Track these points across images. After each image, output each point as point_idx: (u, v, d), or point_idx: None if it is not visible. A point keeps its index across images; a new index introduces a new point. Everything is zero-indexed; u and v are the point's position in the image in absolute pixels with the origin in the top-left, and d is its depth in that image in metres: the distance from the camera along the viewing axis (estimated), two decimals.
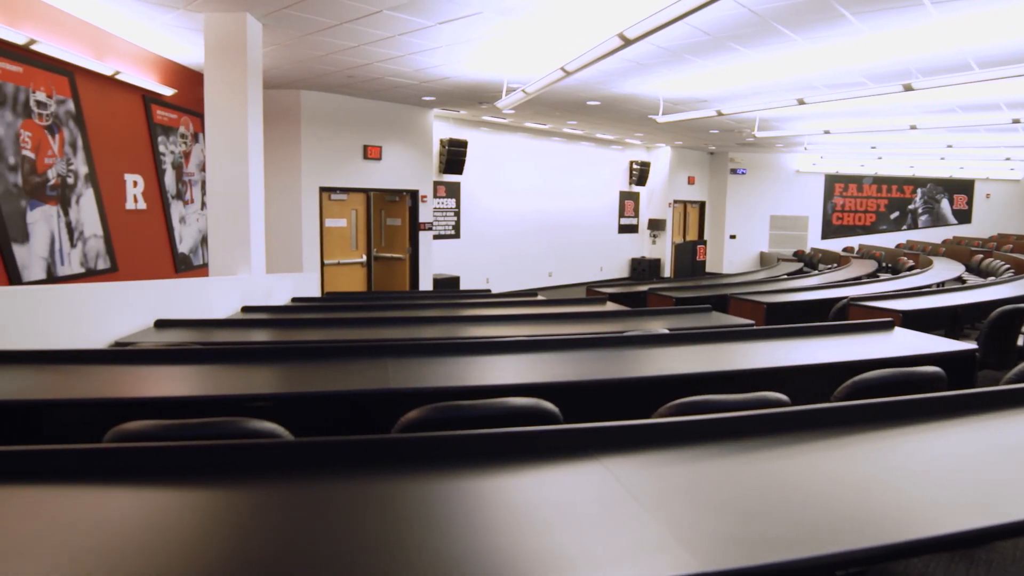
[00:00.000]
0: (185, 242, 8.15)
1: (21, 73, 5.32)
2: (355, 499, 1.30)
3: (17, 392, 2.36)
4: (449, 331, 3.99)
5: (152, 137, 7.40)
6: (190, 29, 6.27)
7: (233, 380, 2.56)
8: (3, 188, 5.11)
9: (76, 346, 3.16)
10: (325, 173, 9.80)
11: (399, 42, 6.74)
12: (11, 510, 1.26)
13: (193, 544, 1.13)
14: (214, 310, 4.96)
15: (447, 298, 7.22)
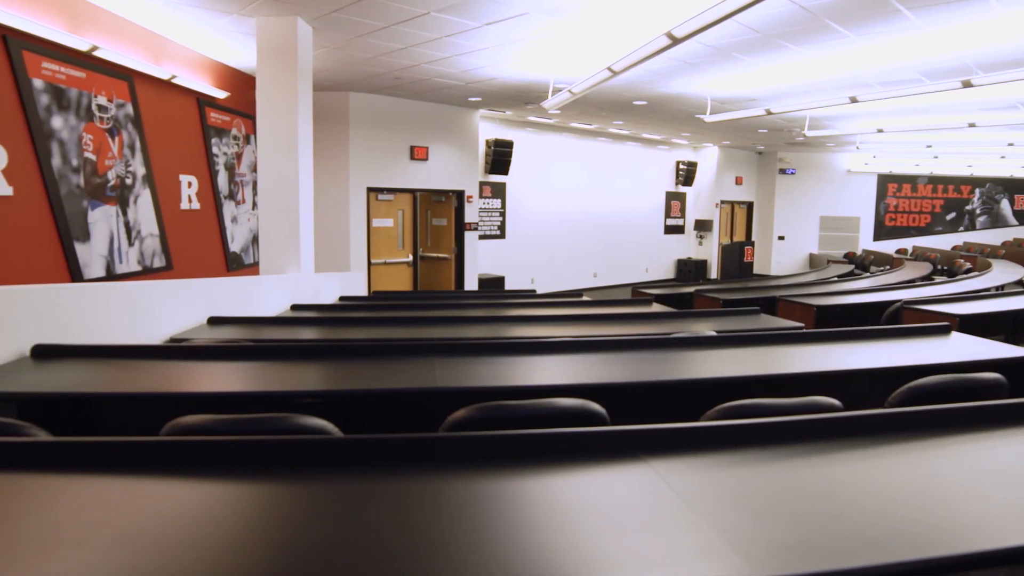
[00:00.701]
0: (236, 241, 8.34)
1: (84, 79, 5.50)
2: (403, 496, 1.31)
3: (78, 385, 2.44)
4: (494, 331, 4.00)
5: (206, 139, 7.59)
6: (243, 33, 6.40)
7: (283, 377, 2.61)
8: (66, 189, 5.30)
9: (134, 341, 3.26)
10: (372, 173, 9.92)
11: (446, 43, 6.79)
12: (75, 499, 1.31)
13: (245, 536, 1.15)
14: (264, 308, 5.06)
15: (492, 298, 7.24)
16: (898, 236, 18.17)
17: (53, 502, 1.30)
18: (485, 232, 12.44)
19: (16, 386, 2.38)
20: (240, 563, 1.05)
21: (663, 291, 7.55)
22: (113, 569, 1.02)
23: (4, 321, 2.74)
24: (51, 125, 5.17)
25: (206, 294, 4.30)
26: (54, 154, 5.19)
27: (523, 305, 5.54)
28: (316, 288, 6.39)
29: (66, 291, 3.22)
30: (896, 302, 5.90)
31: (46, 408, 2.50)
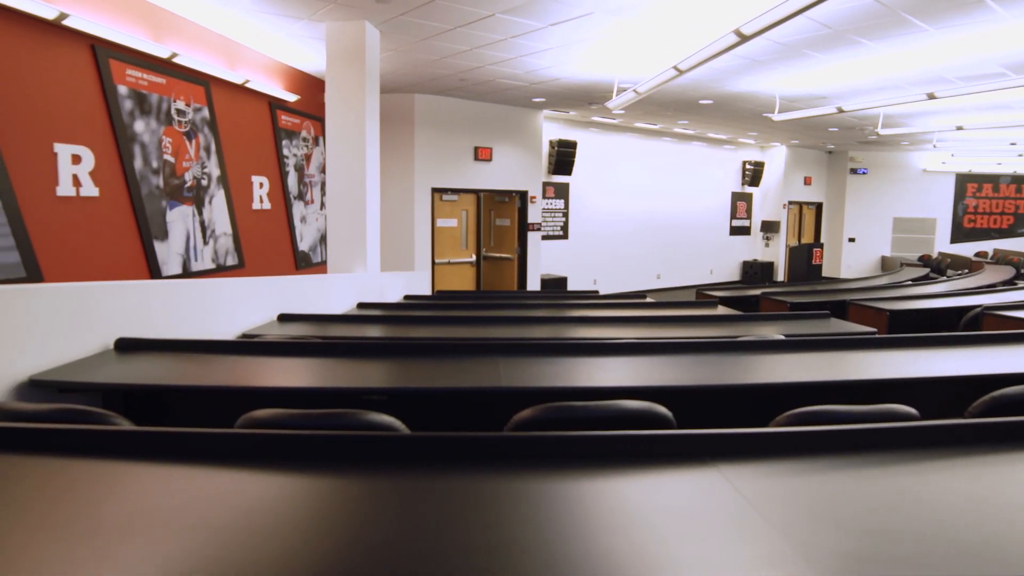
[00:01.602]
0: (305, 240, 8.55)
1: (164, 84, 5.73)
2: (467, 495, 1.32)
3: (156, 377, 2.54)
4: (557, 331, 4.00)
5: (277, 141, 7.80)
6: (313, 38, 6.56)
7: (350, 373, 2.66)
8: (147, 190, 5.52)
9: (208, 336, 3.38)
10: (437, 174, 10.04)
11: (511, 44, 6.82)
12: (156, 486, 1.37)
13: (313, 529, 1.18)
14: (332, 306, 5.17)
15: (555, 298, 7.24)
16: (977, 239, 17.39)
17: (136, 488, 1.36)
18: (548, 232, 12.43)
19: (101, 377, 2.49)
20: (307, 555, 1.08)
21: (728, 293, 7.42)
22: (192, 554, 1.06)
23: (91, 315, 2.88)
24: (133, 129, 5.40)
25: (276, 292, 4.42)
26: (136, 157, 5.42)
27: (586, 306, 5.52)
28: (381, 287, 6.50)
29: (146, 287, 3.36)
30: (976, 307, 5.65)
31: (127, 398, 2.62)
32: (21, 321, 2.53)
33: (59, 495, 1.32)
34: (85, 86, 5.01)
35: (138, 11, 5.45)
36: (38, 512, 1.23)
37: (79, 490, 1.35)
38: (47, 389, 2.44)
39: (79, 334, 2.80)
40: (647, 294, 8.42)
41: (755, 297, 7.05)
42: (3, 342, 2.44)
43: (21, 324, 2.53)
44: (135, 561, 1.04)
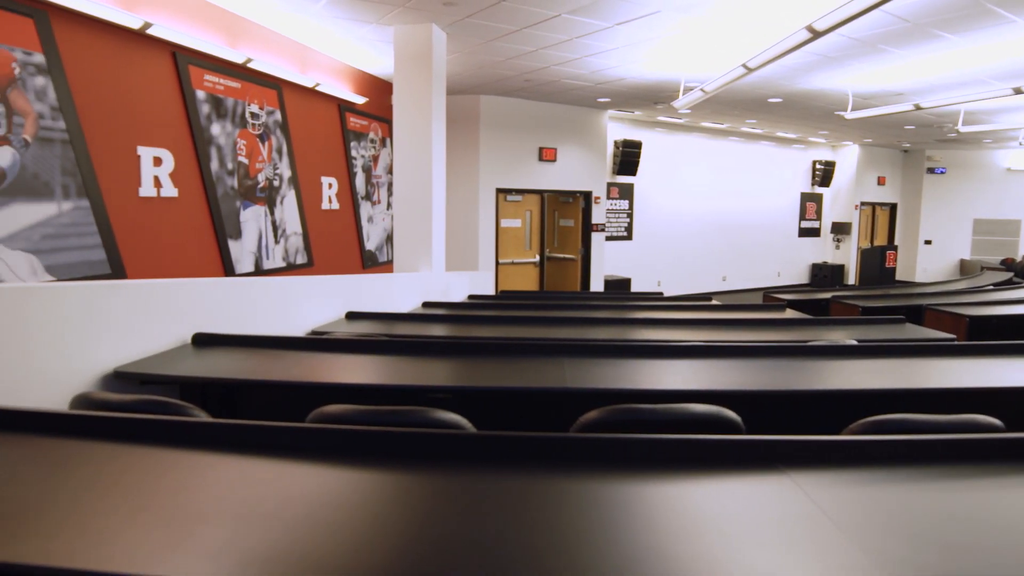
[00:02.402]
0: (372, 240, 8.71)
1: (239, 88, 5.92)
2: (534, 494, 1.32)
3: (230, 371, 2.62)
4: (621, 333, 3.97)
5: (345, 142, 7.97)
6: (382, 41, 6.68)
7: (416, 371, 2.70)
8: (222, 191, 5.72)
9: (279, 333, 3.47)
10: (501, 175, 10.08)
11: (576, 45, 6.80)
12: (232, 476, 1.41)
13: (380, 523, 1.20)
14: (398, 304, 5.25)
15: (618, 300, 7.19)
16: None
17: (213, 478, 1.41)
18: (612, 233, 12.35)
19: (179, 370, 2.59)
20: (374, 548, 1.09)
21: (797, 296, 7.24)
22: (268, 544, 1.09)
23: (171, 311, 3.00)
24: (210, 132, 5.60)
25: (345, 290, 4.51)
26: (212, 158, 5.62)
27: (650, 307, 5.47)
28: (446, 286, 6.57)
29: (222, 285, 3.48)
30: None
31: (203, 390, 2.72)
32: (108, 316, 2.65)
33: (142, 482, 1.38)
34: (166, 91, 5.22)
35: (216, 19, 5.64)
36: (123, 497, 1.29)
37: (161, 478, 1.41)
38: (130, 380, 2.55)
39: (159, 329, 2.92)
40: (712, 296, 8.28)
41: (825, 301, 6.86)
42: (92, 336, 2.56)
43: (108, 319, 2.65)
44: (215, 548, 1.07)
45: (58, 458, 1.50)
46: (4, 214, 4.05)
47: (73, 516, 1.20)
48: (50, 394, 2.37)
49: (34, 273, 4.21)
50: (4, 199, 4.05)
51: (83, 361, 2.52)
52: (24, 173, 4.16)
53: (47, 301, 2.43)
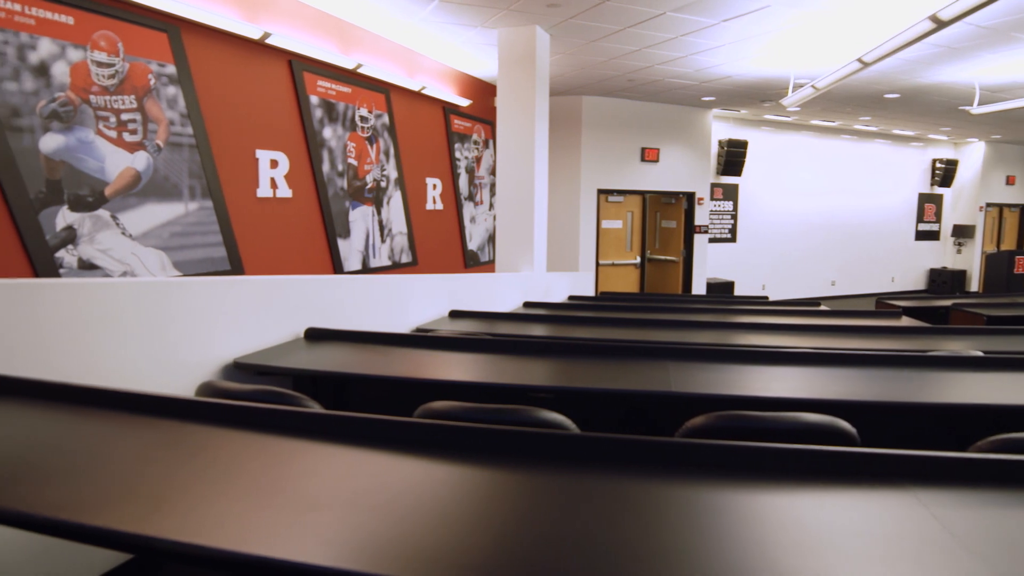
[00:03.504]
0: (474, 240, 8.84)
1: (350, 93, 6.14)
2: (637, 498, 1.31)
3: (340, 365, 2.72)
4: (725, 337, 3.88)
5: (450, 144, 8.13)
6: (486, 44, 6.77)
7: (518, 370, 2.72)
8: (333, 191, 5.95)
9: (385, 329, 3.58)
10: (603, 175, 10.03)
11: (681, 43, 6.69)
12: (343, 466, 1.47)
13: (483, 518, 1.21)
14: (499, 304, 5.31)
15: (721, 303, 7.00)
16: None
17: (327, 468, 1.46)
18: (715, 235, 12.07)
19: (292, 362, 2.71)
20: (480, 543, 1.11)
21: (913, 303, 6.84)
22: (378, 535, 1.13)
23: (286, 306, 3.15)
24: (322, 135, 5.83)
25: (448, 289, 4.60)
26: (324, 161, 5.85)
27: (755, 312, 5.30)
28: (547, 287, 6.59)
29: (332, 282, 3.61)
30: None
31: (314, 382, 2.83)
32: (230, 310, 2.81)
33: (261, 467, 1.45)
34: (283, 97, 5.48)
35: (329, 27, 5.88)
36: (245, 481, 1.36)
37: (278, 464, 1.47)
38: (248, 371, 2.70)
39: (275, 323, 3.07)
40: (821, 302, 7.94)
41: (945, 308, 6.46)
42: (215, 328, 2.72)
43: (230, 312, 2.81)
44: (329, 535, 1.12)
45: (185, 441, 1.60)
46: (138, 214, 4.36)
47: (200, 497, 1.27)
48: (179, 381, 2.53)
49: (163, 268, 4.51)
50: (139, 200, 4.36)
51: (207, 351, 2.68)
52: (156, 176, 4.46)
53: (180, 295, 2.60)
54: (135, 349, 2.43)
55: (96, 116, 4.10)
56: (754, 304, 6.41)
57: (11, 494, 1.26)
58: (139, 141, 4.35)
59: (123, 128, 4.26)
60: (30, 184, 3.77)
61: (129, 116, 4.29)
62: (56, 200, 3.91)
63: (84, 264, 4.07)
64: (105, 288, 2.37)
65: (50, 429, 1.68)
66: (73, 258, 4.01)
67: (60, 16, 3.90)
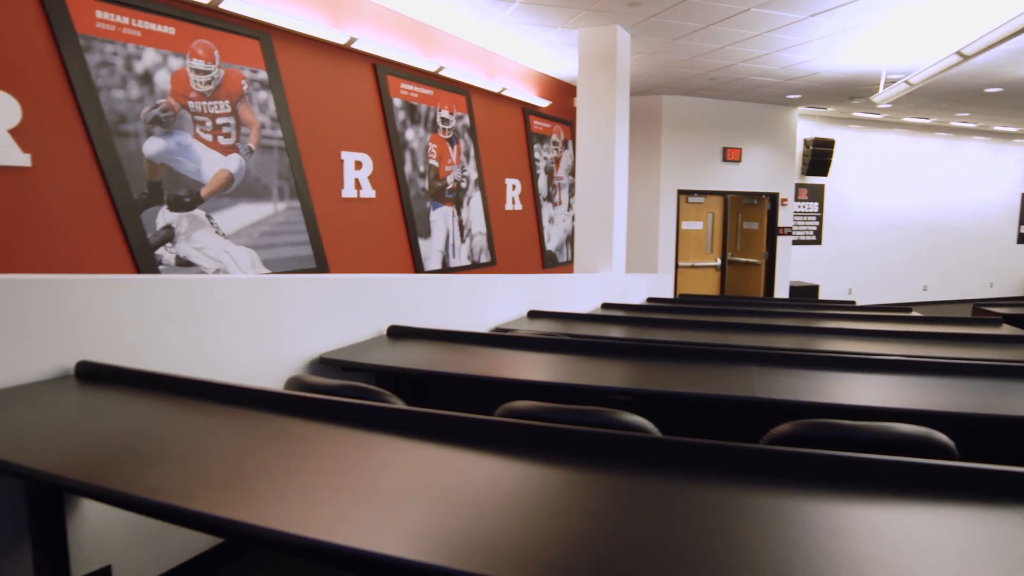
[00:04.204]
0: (552, 240, 8.85)
1: (431, 95, 6.25)
2: (722, 504, 1.28)
3: (421, 363, 2.77)
4: (809, 343, 3.76)
5: (529, 145, 8.16)
6: (566, 44, 6.77)
7: (596, 371, 2.71)
8: (414, 192, 6.06)
9: (464, 328, 3.62)
10: (683, 176, 9.88)
11: (765, 40, 6.53)
12: (429, 463, 1.49)
13: (561, 519, 1.21)
14: (577, 305, 5.31)
15: (806, 307, 6.80)
16: None
17: (411, 463, 1.50)
18: (799, 237, 11.71)
19: (375, 359, 2.78)
20: (561, 543, 1.11)
21: (1014, 311, 6.48)
22: (461, 528, 1.14)
23: (369, 304, 3.23)
24: (405, 137, 5.95)
25: (527, 289, 4.63)
26: (406, 162, 5.97)
27: (841, 317, 5.12)
28: (625, 288, 6.54)
29: (414, 281, 3.68)
30: None
31: (396, 379, 2.90)
32: (317, 307, 2.91)
33: (347, 460, 1.50)
34: (367, 100, 5.62)
35: (412, 30, 5.99)
36: (331, 473, 1.40)
37: (363, 458, 1.52)
38: (333, 366, 2.78)
39: (358, 320, 3.16)
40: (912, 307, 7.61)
41: None
42: (303, 324, 2.82)
43: (317, 309, 2.90)
44: (413, 529, 1.14)
45: (276, 433, 1.67)
46: (231, 213, 4.55)
47: (289, 486, 1.32)
48: (270, 374, 2.64)
49: (253, 266, 4.69)
50: (231, 200, 4.55)
51: (295, 347, 2.78)
52: (248, 177, 4.65)
53: (272, 292, 2.71)
54: (232, 343, 2.54)
55: (193, 121, 4.31)
56: (841, 309, 6.19)
57: (118, 477, 1.34)
58: (232, 144, 4.54)
59: (218, 132, 4.45)
60: (134, 186, 3.99)
61: (224, 120, 4.48)
62: (156, 201, 4.12)
63: (181, 261, 4.27)
64: (209, 284, 2.50)
65: (153, 417, 1.78)
66: (171, 255, 4.22)
67: (163, 27, 4.10)
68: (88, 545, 2.08)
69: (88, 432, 1.65)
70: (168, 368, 2.10)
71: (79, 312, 2.11)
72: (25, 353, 1.98)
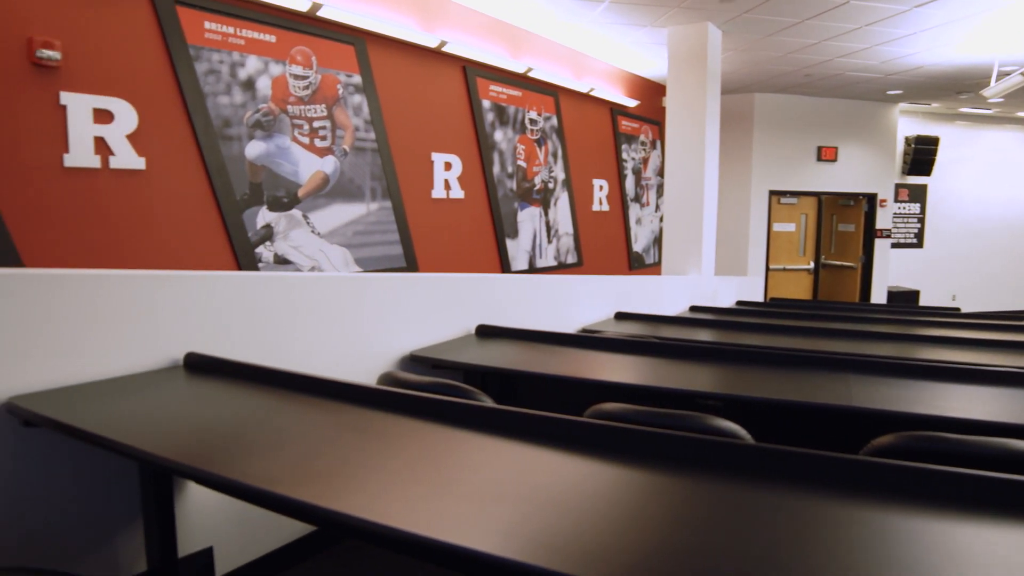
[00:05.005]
0: (639, 242, 8.76)
1: (520, 96, 6.29)
2: (818, 517, 1.24)
3: (509, 362, 2.80)
4: (909, 351, 3.59)
5: (617, 145, 8.10)
6: (654, 43, 6.69)
7: (685, 375, 2.67)
8: (502, 192, 6.12)
9: (550, 328, 3.63)
10: (775, 176, 9.61)
11: (865, 33, 6.28)
12: (519, 461, 1.51)
13: (657, 524, 1.20)
14: (664, 307, 5.24)
15: (905, 313, 6.50)
16: None
17: (501, 460, 1.51)
18: (898, 240, 11.19)
19: (464, 357, 2.83)
20: (647, 546, 1.10)
21: None
22: (554, 528, 1.15)
23: (458, 303, 3.29)
24: (493, 138, 6.01)
25: (614, 290, 4.60)
26: (495, 163, 6.03)
27: (945, 324, 4.86)
28: (714, 291, 6.42)
29: (502, 281, 3.72)
30: None
31: (483, 377, 2.93)
32: (408, 305, 2.98)
33: (441, 457, 1.53)
34: (457, 102, 5.71)
35: (501, 33, 6.05)
36: (425, 469, 1.44)
37: (456, 455, 1.55)
38: (423, 364, 2.84)
39: (447, 319, 3.22)
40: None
41: None
42: (395, 321, 2.90)
43: (408, 307, 2.98)
44: (507, 526, 1.15)
45: (370, 426, 1.72)
46: (326, 213, 4.71)
47: (383, 479, 1.36)
48: (363, 370, 2.72)
49: (346, 264, 4.84)
50: (327, 200, 4.71)
51: (387, 343, 2.86)
52: (342, 178, 4.80)
53: (366, 290, 2.80)
54: (327, 338, 2.64)
55: (292, 124, 4.48)
56: (944, 316, 5.89)
57: (223, 463, 1.41)
58: (328, 146, 4.70)
59: (315, 135, 4.62)
60: (236, 187, 4.18)
61: (320, 123, 4.64)
62: (257, 201, 4.31)
63: (279, 259, 4.45)
64: (305, 281, 2.60)
65: (255, 407, 1.87)
66: (270, 253, 4.40)
67: (264, 35, 4.29)
68: (193, 526, 2.20)
69: (196, 420, 1.74)
70: (266, 360, 2.19)
71: (188, 306, 2.23)
72: (140, 344, 2.11)
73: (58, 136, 3.43)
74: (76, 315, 1.97)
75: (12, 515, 1.83)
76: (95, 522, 2.00)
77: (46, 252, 3.40)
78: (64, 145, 3.44)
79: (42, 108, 3.37)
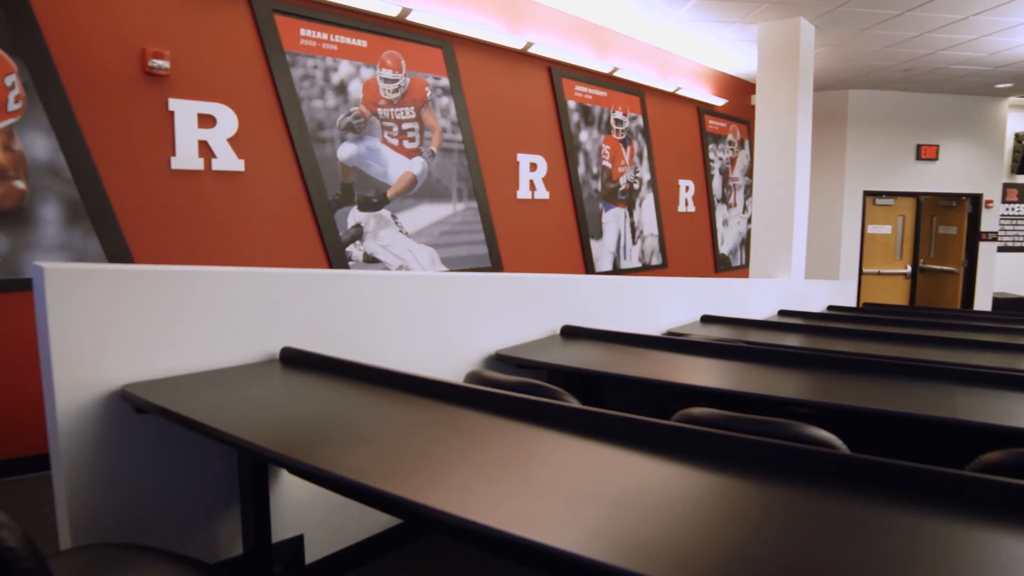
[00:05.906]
0: (726, 243, 8.59)
1: (605, 97, 6.27)
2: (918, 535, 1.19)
3: (594, 363, 2.79)
4: (1017, 362, 3.39)
5: (703, 145, 7.96)
6: (743, 40, 6.54)
7: (774, 381, 2.61)
8: (587, 193, 6.11)
9: (635, 330, 3.61)
10: (870, 176, 9.23)
11: (971, 24, 5.96)
12: (607, 463, 1.51)
13: (748, 532, 1.17)
14: (752, 311, 5.12)
15: (1014, 322, 6.13)
16: None
17: (588, 461, 1.51)
18: (1006, 243, 10.56)
19: (549, 357, 2.84)
20: (738, 556, 1.08)
21: None
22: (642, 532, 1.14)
23: (543, 303, 3.31)
24: (579, 139, 6.01)
25: (700, 293, 4.53)
26: (580, 163, 6.03)
27: None
28: (804, 295, 6.23)
29: (586, 281, 3.72)
30: None
31: (567, 377, 2.94)
32: (493, 305, 3.02)
33: (528, 456, 1.54)
34: (542, 103, 5.73)
35: (587, 33, 6.04)
36: (512, 467, 1.45)
37: (543, 454, 1.56)
38: (508, 363, 2.87)
39: (532, 319, 3.24)
40: None
41: None
42: (482, 320, 2.94)
43: (493, 307, 3.01)
44: (595, 527, 1.15)
45: (457, 423, 1.75)
46: (414, 214, 4.81)
47: (470, 476, 1.38)
48: (449, 368, 2.77)
49: (432, 264, 4.93)
50: (415, 201, 4.81)
51: (474, 342, 2.90)
52: (430, 179, 4.90)
53: (453, 289, 2.85)
54: (414, 336, 2.70)
55: (382, 126, 4.60)
56: None
57: (317, 454, 1.46)
58: (416, 148, 4.80)
59: (403, 136, 4.73)
60: (329, 187, 4.32)
61: (409, 125, 4.75)
62: (348, 201, 4.44)
63: (368, 258, 4.58)
64: (395, 280, 2.67)
65: (347, 401, 1.93)
66: (360, 252, 4.53)
67: (356, 41, 4.42)
68: (285, 514, 2.29)
69: (290, 412, 1.82)
70: (356, 356, 2.26)
71: (285, 302, 2.33)
72: (240, 338, 2.22)
73: (166, 140, 3.63)
74: (185, 309, 2.08)
75: (123, 496, 1.95)
76: (196, 506, 2.11)
77: (154, 249, 3.61)
78: (172, 148, 3.65)
79: (153, 114, 3.58)
